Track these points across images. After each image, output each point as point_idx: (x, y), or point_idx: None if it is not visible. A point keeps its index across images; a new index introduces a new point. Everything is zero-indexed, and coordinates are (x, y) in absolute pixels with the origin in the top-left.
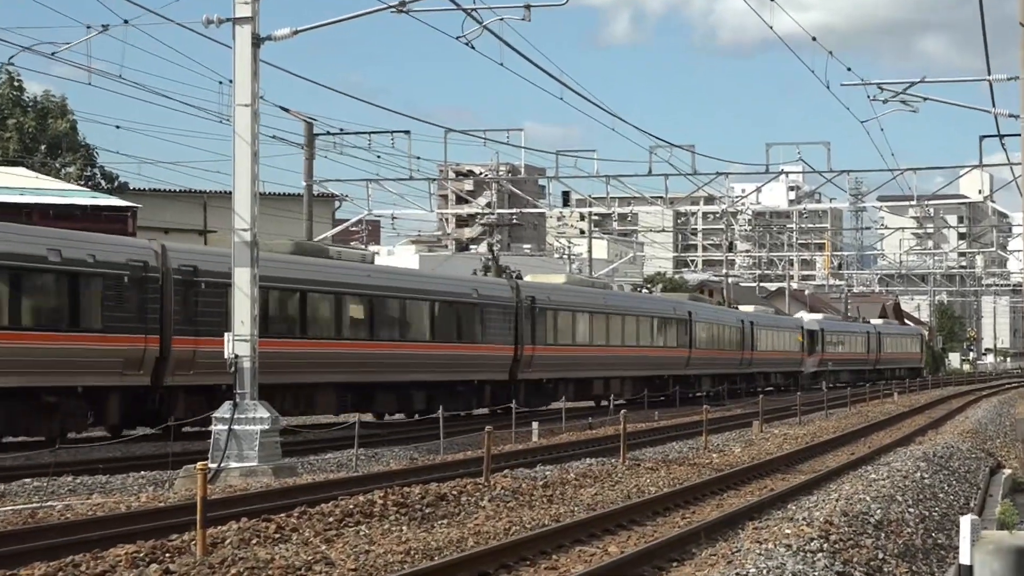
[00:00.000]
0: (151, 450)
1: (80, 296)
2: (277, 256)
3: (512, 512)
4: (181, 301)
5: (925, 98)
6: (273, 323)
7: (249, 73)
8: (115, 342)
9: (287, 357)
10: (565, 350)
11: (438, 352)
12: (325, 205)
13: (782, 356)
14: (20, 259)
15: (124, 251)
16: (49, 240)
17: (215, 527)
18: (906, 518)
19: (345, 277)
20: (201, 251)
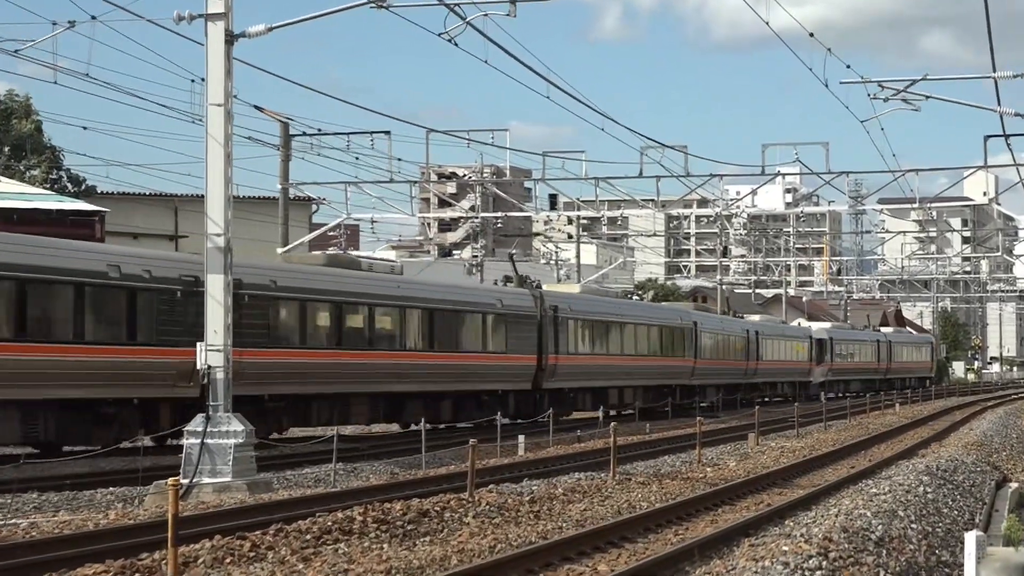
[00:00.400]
0: (120, 465)
1: (137, 311)
2: (312, 268)
3: (497, 529)
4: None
5: (927, 96)
6: (310, 335)
7: (222, 71)
8: (169, 355)
9: (324, 368)
10: (586, 359)
11: (465, 362)
12: (302, 209)
13: (789, 366)
14: (84, 275)
15: (177, 267)
16: (109, 256)
17: (187, 545)
18: (908, 534)
19: (377, 289)
20: (245, 265)
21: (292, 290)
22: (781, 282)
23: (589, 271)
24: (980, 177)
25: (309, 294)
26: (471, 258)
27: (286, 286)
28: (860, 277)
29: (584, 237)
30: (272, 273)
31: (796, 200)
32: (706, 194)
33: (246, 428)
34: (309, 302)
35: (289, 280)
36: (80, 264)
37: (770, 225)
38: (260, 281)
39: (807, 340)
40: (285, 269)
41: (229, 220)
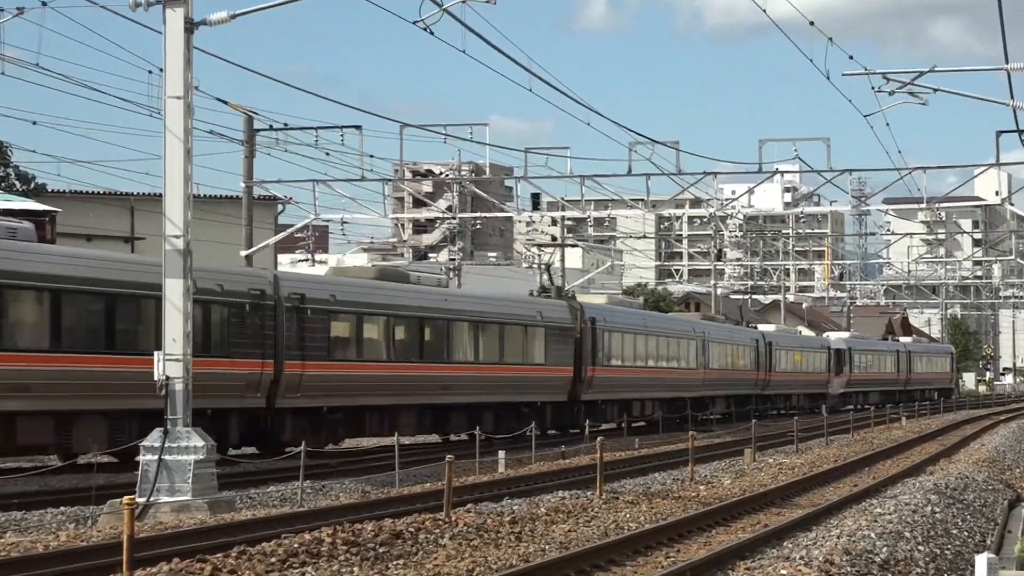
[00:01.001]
0: (72, 483)
1: (211, 324)
2: (367, 282)
3: (476, 551)
4: (291, 327)
5: (935, 89)
6: (366, 348)
7: (182, 61)
8: (238, 366)
9: (378, 380)
10: (618, 372)
11: (507, 375)
12: (267, 209)
13: (805, 377)
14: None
15: (245, 281)
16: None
17: (143, 569)
18: (915, 557)
19: (426, 302)
20: (308, 279)
21: (349, 304)
22: (779, 287)
23: (574, 275)
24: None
25: (364, 308)
26: (448, 262)
27: (344, 300)
28: (864, 282)
29: (569, 239)
30: (332, 287)
31: (795, 200)
32: (699, 193)
33: (207, 443)
34: (365, 316)
35: (347, 295)
36: (157, 279)
37: (767, 227)
38: (321, 296)
39: (825, 350)
40: (342, 284)
41: (189, 221)
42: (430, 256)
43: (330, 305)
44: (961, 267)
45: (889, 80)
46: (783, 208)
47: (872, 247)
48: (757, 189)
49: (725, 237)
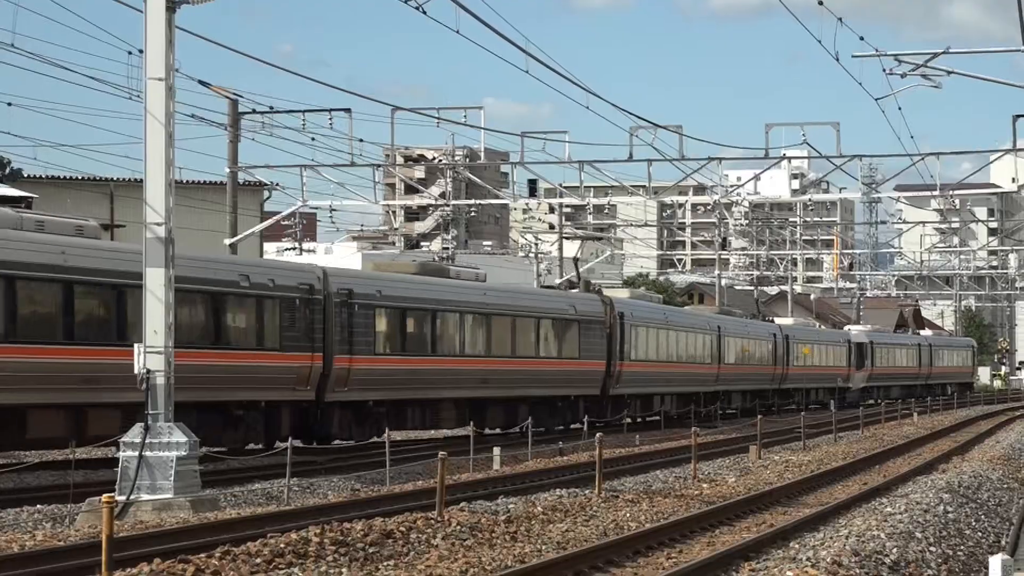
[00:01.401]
0: (49, 480)
1: (264, 318)
2: (410, 277)
3: (469, 551)
4: (340, 322)
5: (949, 71)
6: (408, 341)
7: (163, 42)
8: (290, 360)
9: (420, 374)
10: (645, 366)
11: (544, 368)
12: (252, 195)
13: (825, 371)
14: (220, 285)
15: (295, 275)
16: (241, 267)
17: (123, 570)
18: (927, 558)
19: (466, 296)
20: (355, 274)
21: (394, 299)
22: (786, 278)
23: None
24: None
25: (408, 303)
26: (441, 250)
27: (389, 295)
28: (874, 272)
29: (568, 227)
30: (377, 283)
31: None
32: (703, 180)
33: (189, 439)
34: (408, 310)
35: (391, 290)
36: (218, 275)
37: (774, 214)
38: (368, 291)
39: (846, 344)
40: (387, 279)
41: (171, 208)
42: (422, 244)
43: (376, 300)
44: (976, 257)
45: (901, 62)
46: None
47: (883, 236)
48: (763, 175)
49: (730, 225)
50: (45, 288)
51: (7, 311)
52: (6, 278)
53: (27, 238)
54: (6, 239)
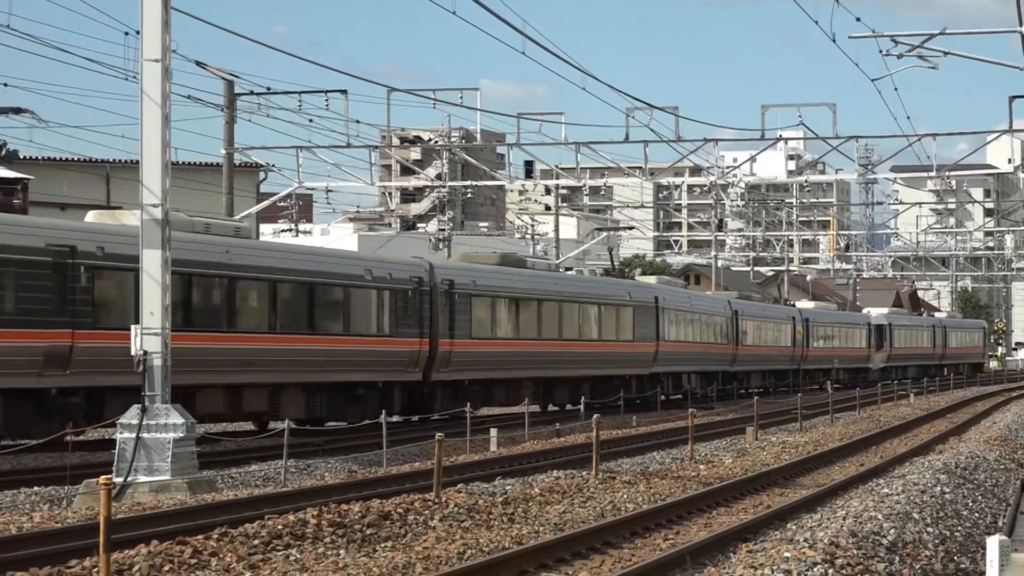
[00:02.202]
0: (46, 462)
1: (383, 308)
2: (497, 268)
3: (467, 533)
4: (444, 310)
5: (946, 52)
6: (497, 327)
7: (159, 22)
8: (403, 345)
9: (506, 356)
10: (676, 346)
11: (605, 350)
12: (248, 176)
13: (845, 352)
14: (350, 279)
15: (408, 269)
16: (365, 263)
17: (121, 551)
18: (924, 539)
19: (542, 285)
20: (454, 267)
21: (486, 288)
22: (783, 259)
23: (569, 246)
24: (1004, 142)
25: (497, 292)
26: (437, 232)
27: (482, 285)
28: (871, 254)
29: (564, 208)
30: (473, 274)
31: (799, 168)
32: (699, 161)
33: (186, 421)
34: (496, 299)
35: (483, 280)
36: (348, 270)
37: (770, 196)
38: (465, 281)
39: (866, 326)
40: (480, 270)
41: (167, 189)
42: (419, 226)
43: (471, 290)
44: (972, 238)
45: (898, 43)
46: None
47: (879, 217)
48: (760, 157)
49: (726, 207)
50: (213, 283)
51: (184, 304)
52: (184, 275)
53: (200, 240)
54: (184, 241)
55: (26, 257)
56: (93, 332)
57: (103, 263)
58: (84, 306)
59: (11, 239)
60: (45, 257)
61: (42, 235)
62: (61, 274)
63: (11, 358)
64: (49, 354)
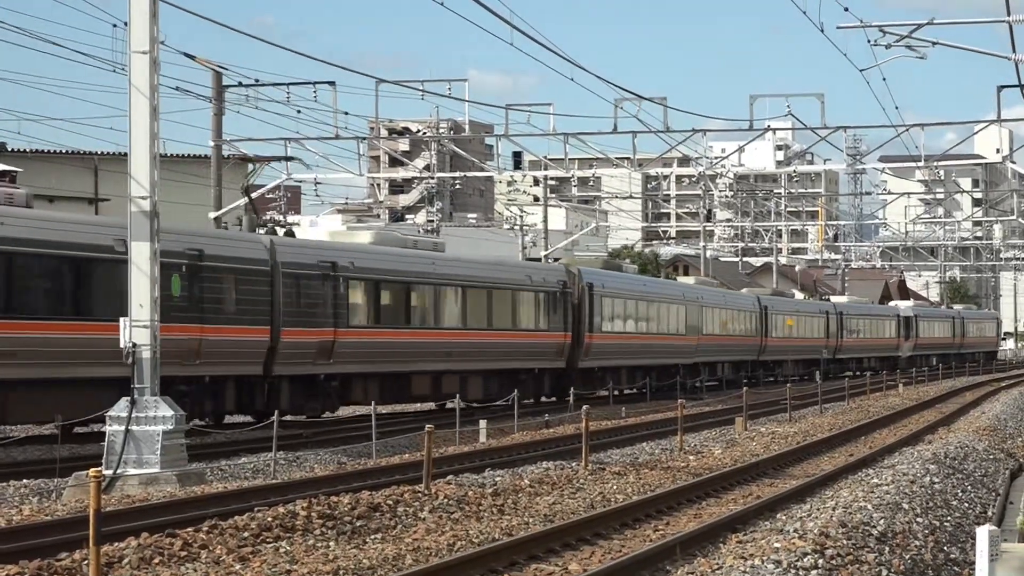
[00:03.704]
0: (35, 454)
1: (540, 307)
2: (619, 273)
3: (457, 524)
4: (584, 308)
5: (934, 42)
6: (625, 323)
7: (147, 14)
8: (553, 338)
9: (630, 347)
10: (715, 339)
11: (669, 342)
12: (237, 168)
13: (877, 343)
14: (517, 284)
15: (555, 274)
16: (527, 269)
17: (111, 544)
18: (914, 529)
19: (653, 288)
20: (591, 271)
21: (615, 290)
22: (771, 249)
23: (558, 237)
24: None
25: (622, 293)
26: (426, 223)
27: (610, 287)
28: (859, 244)
29: (552, 199)
30: (603, 277)
31: (788, 158)
32: (688, 151)
33: (176, 413)
34: (617, 298)
35: (612, 282)
36: (514, 276)
37: (759, 186)
38: (597, 283)
39: (895, 318)
40: (608, 275)
41: (156, 181)
42: (407, 217)
43: (603, 291)
44: (960, 228)
45: (886, 33)
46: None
47: (868, 207)
48: (748, 147)
49: (715, 197)
50: (425, 290)
51: (405, 306)
52: (404, 283)
53: (412, 254)
54: (401, 256)
55: (306, 272)
56: (348, 330)
57: (354, 275)
58: (342, 309)
59: (296, 258)
60: (317, 271)
61: (315, 254)
62: (327, 284)
63: (297, 351)
64: (320, 348)
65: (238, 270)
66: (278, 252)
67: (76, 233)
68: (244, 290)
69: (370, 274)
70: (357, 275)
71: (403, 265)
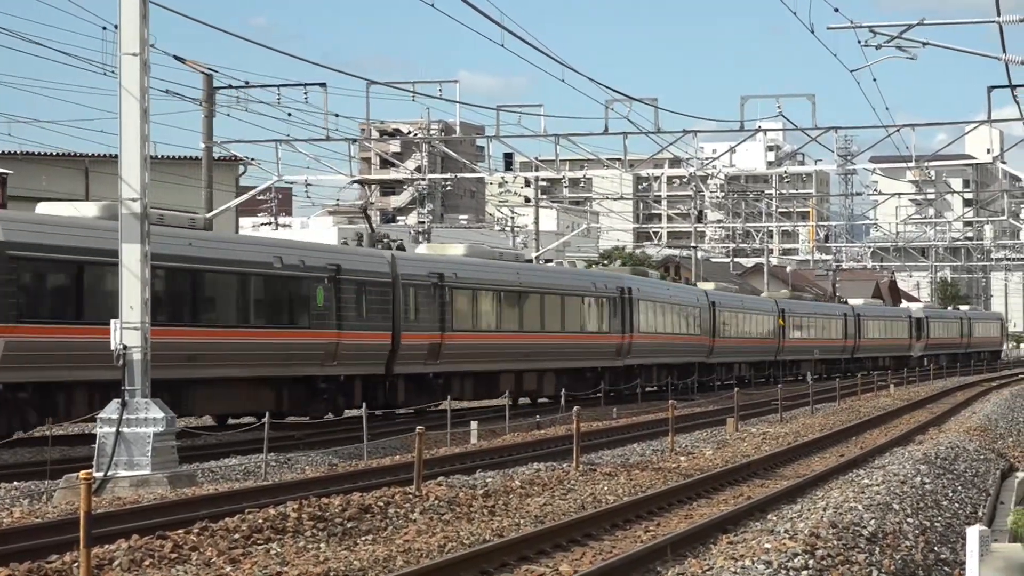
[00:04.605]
0: (26, 457)
1: (602, 311)
2: (657, 280)
3: (447, 526)
4: (635, 311)
5: (924, 43)
6: (659, 323)
7: (137, 16)
8: (613, 339)
9: (661, 346)
10: (734, 342)
11: (690, 342)
12: (228, 170)
13: (891, 343)
14: (583, 291)
15: (614, 281)
16: (592, 277)
17: (101, 546)
18: (904, 529)
19: (680, 293)
20: (634, 280)
21: (651, 295)
22: (762, 250)
23: (549, 238)
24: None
25: (659, 299)
26: (416, 224)
27: (646, 292)
28: (850, 244)
29: (543, 200)
30: (641, 283)
31: (779, 159)
32: (679, 152)
33: (167, 415)
34: (651, 302)
35: (647, 287)
36: (582, 283)
37: (750, 187)
38: (636, 288)
39: (908, 320)
40: (644, 281)
41: (146, 183)
42: (398, 219)
43: (641, 296)
44: (951, 228)
45: (876, 34)
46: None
47: (859, 208)
48: (739, 148)
49: (706, 198)
50: (514, 296)
51: (496, 311)
52: (496, 290)
53: (504, 265)
54: (495, 266)
55: (419, 282)
56: (452, 333)
57: (457, 284)
58: (447, 315)
59: (412, 270)
60: (428, 282)
61: (425, 267)
62: (435, 293)
63: (412, 352)
64: (430, 349)
65: (367, 282)
66: (398, 265)
67: (244, 252)
68: (371, 299)
69: (469, 284)
70: (459, 285)
71: (494, 275)
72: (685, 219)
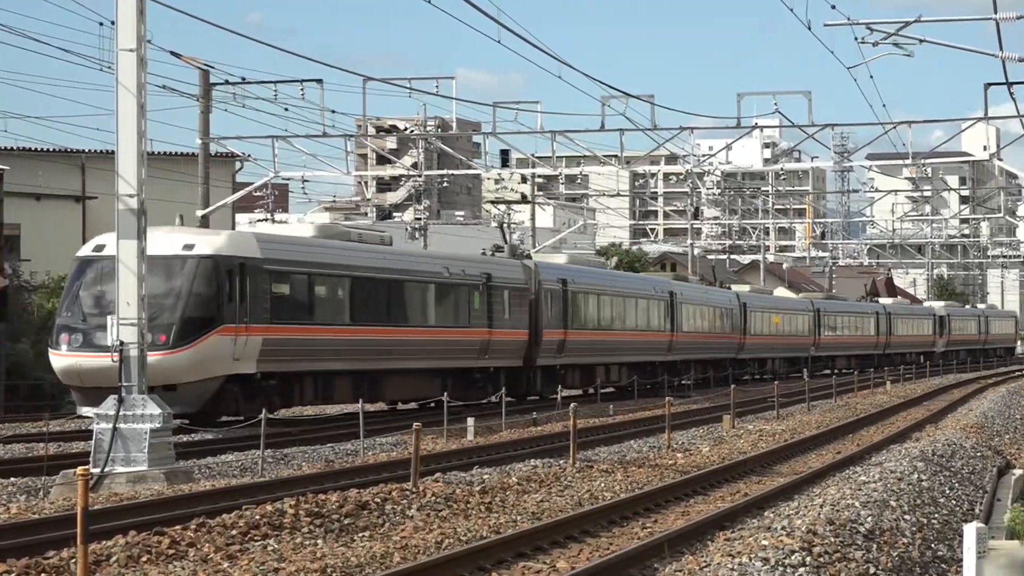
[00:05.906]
0: (22, 452)
1: (660, 311)
2: (695, 285)
3: (444, 522)
4: (677, 311)
5: (921, 40)
6: (696, 323)
7: (134, 12)
8: (662, 336)
9: (696, 344)
10: (766, 339)
11: (720, 340)
12: (224, 166)
13: (917, 340)
14: (644, 294)
15: (666, 285)
16: (653, 282)
17: (99, 542)
18: (901, 526)
19: (698, 294)
20: (676, 284)
21: (691, 298)
22: (759, 247)
23: (545, 235)
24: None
25: (695, 301)
26: (413, 221)
27: (688, 295)
28: (847, 241)
29: (540, 197)
30: (683, 287)
31: (775, 156)
32: (675, 149)
33: (163, 411)
34: (685, 303)
35: (688, 291)
36: (644, 287)
37: (746, 184)
38: (675, 290)
39: (932, 317)
40: (684, 286)
41: (143, 179)
42: (395, 215)
43: (685, 300)
44: (948, 225)
45: (873, 31)
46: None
47: (855, 205)
48: (735, 145)
49: (702, 195)
50: (604, 300)
51: (584, 313)
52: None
53: (596, 271)
54: (592, 273)
55: (552, 287)
56: (573, 331)
57: (575, 288)
58: (569, 315)
59: (546, 275)
60: (557, 286)
61: (554, 273)
62: (561, 296)
63: (548, 348)
64: (559, 345)
65: (512, 287)
66: (536, 272)
67: (422, 263)
68: (514, 302)
69: (583, 287)
70: (577, 288)
71: (595, 279)
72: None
